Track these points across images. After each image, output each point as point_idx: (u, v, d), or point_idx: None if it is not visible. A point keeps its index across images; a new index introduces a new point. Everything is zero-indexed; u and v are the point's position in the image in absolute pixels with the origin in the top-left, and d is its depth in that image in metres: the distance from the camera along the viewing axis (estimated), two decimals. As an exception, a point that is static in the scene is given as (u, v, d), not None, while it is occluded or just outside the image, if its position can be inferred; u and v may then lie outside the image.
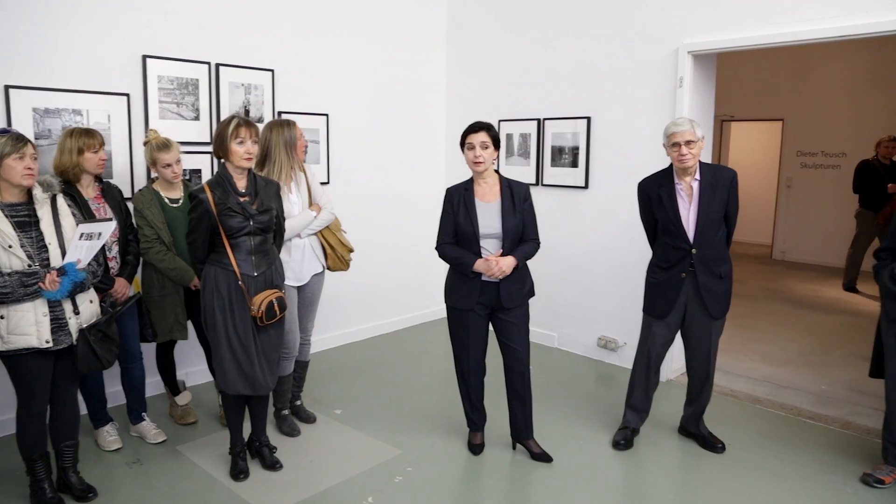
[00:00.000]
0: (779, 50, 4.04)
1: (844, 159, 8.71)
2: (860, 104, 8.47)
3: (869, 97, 8.38)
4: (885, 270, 3.05)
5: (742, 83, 9.23)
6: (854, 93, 8.51)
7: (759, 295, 7.13)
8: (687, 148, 3.10)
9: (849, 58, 8.41)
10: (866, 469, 3.24)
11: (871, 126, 8.30)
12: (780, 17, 3.84)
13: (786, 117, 9.26)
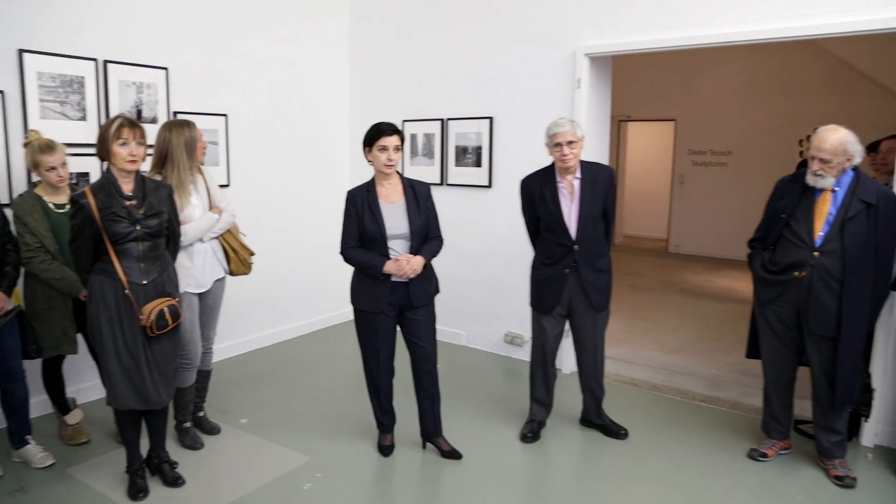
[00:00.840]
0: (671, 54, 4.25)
1: (731, 157, 9.28)
2: (742, 106, 9.05)
3: (749, 100, 8.96)
4: (757, 259, 3.28)
5: (638, 85, 9.64)
6: (736, 95, 9.08)
7: (656, 287, 7.48)
8: (568, 148, 3.22)
9: (732, 63, 8.96)
10: (752, 445, 3.47)
11: (752, 126, 8.89)
12: (670, 23, 4.03)
13: (678, 118, 9.76)
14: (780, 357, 3.30)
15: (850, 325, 3.01)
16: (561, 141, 3.22)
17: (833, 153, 2.95)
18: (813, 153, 3.01)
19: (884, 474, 3.25)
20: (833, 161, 2.96)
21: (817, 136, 3.00)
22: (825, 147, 2.95)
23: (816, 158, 2.99)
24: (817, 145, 2.98)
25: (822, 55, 7.62)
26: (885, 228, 2.98)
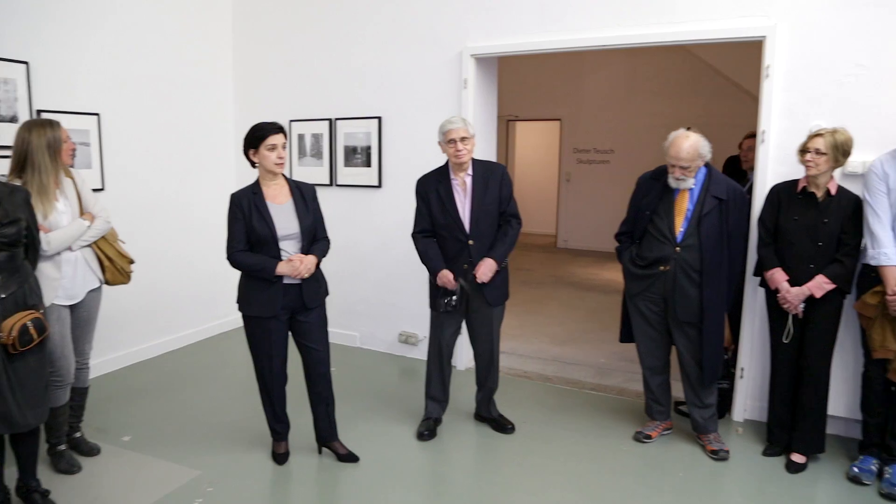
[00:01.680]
0: (556, 55, 4.44)
1: (613, 155, 9.75)
2: (622, 106, 9.52)
3: (629, 100, 9.45)
4: (625, 253, 3.48)
5: (525, 86, 9.92)
6: (617, 96, 9.54)
7: (546, 281, 7.73)
8: (462, 144, 3.28)
9: (613, 65, 9.41)
10: (638, 427, 3.66)
11: (632, 126, 9.37)
12: (552, 26, 4.17)
13: (563, 117, 10.13)
14: (653, 343, 3.51)
15: (712, 311, 3.26)
16: (455, 137, 3.27)
17: (691, 159, 3.17)
18: (672, 161, 3.21)
19: (752, 445, 3.53)
20: (691, 166, 3.19)
21: (673, 146, 3.20)
22: (682, 156, 3.17)
23: (676, 167, 3.20)
24: (675, 154, 3.19)
25: (691, 60, 8.14)
26: (736, 221, 3.25)
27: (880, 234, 2.99)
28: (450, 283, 3.34)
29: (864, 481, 3.13)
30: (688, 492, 3.09)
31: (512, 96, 9.78)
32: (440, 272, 3.36)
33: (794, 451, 3.27)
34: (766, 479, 3.22)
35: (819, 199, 3.14)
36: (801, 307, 3.17)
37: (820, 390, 3.22)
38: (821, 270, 3.11)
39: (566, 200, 10.25)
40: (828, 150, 3.03)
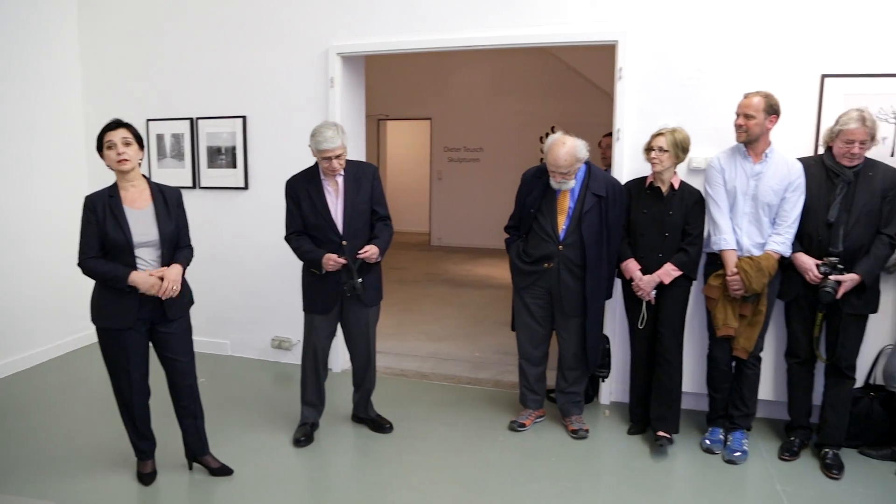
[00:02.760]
0: (425, 55, 4.48)
1: (482, 153, 10.00)
2: (490, 106, 9.78)
3: (496, 100, 9.72)
4: (514, 248, 3.59)
5: (394, 85, 9.94)
6: (485, 96, 9.79)
7: (421, 279, 7.80)
8: (337, 161, 3.24)
9: (481, 65, 9.64)
10: (513, 417, 3.77)
11: (500, 124, 9.66)
12: (418, 25, 4.20)
13: (433, 116, 10.26)
14: (533, 333, 3.64)
15: (594, 303, 3.46)
16: (330, 156, 3.22)
17: (568, 166, 3.31)
18: (552, 168, 3.34)
19: (618, 424, 3.77)
20: (570, 170, 3.33)
21: (551, 153, 3.32)
22: (561, 164, 3.29)
23: (556, 173, 3.33)
24: (553, 162, 3.31)
25: (554, 61, 8.49)
26: (615, 216, 3.42)
27: (720, 221, 3.29)
28: (337, 261, 3.26)
29: (716, 451, 3.43)
30: (561, 475, 3.24)
31: (382, 95, 9.78)
32: (324, 257, 3.27)
33: (660, 430, 3.50)
34: (632, 455, 3.43)
35: (664, 193, 3.39)
36: (652, 294, 3.41)
37: (673, 370, 3.48)
38: (668, 259, 3.37)
39: (438, 198, 10.40)
40: (669, 148, 3.28)
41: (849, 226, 3.13)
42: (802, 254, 3.23)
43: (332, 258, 3.25)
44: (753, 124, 3.18)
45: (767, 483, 3.19)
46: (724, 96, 3.54)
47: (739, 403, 3.46)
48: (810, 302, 3.25)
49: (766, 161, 3.24)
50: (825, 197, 3.20)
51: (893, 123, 3.52)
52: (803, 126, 3.57)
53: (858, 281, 3.12)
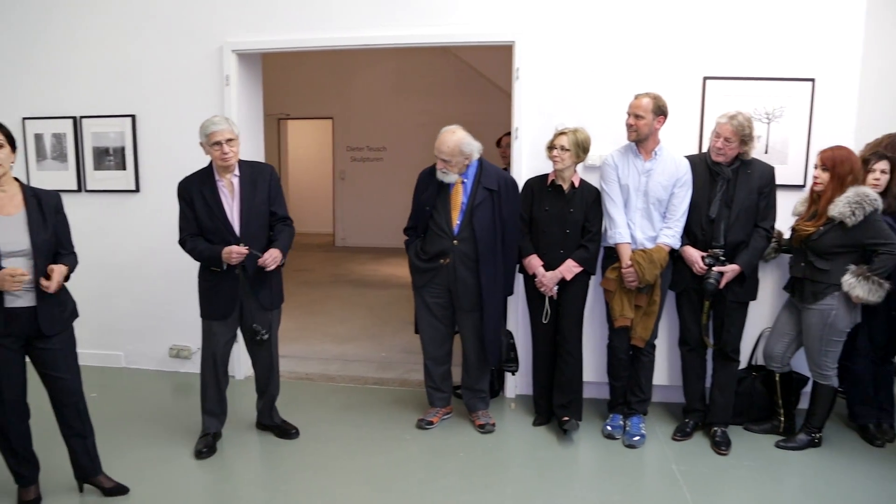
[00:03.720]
0: (326, 53, 4.41)
1: (386, 153, 9.99)
2: (393, 105, 9.77)
3: (399, 99, 9.72)
4: (412, 248, 3.60)
5: (295, 83, 9.75)
6: (388, 95, 9.77)
7: (326, 281, 7.70)
8: (228, 146, 3.14)
9: (383, 64, 9.60)
10: (420, 415, 3.78)
11: (403, 124, 9.66)
12: (317, 24, 4.13)
13: (335, 115, 10.14)
14: (436, 332, 3.66)
15: (490, 297, 3.50)
16: (220, 139, 3.11)
17: (451, 154, 3.37)
18: (436, 154, 3.40)
19: (523, 417, 3.86)
20: (452, 161, 3.38)
21: (438, 139, 3.40)
22: (444, 149, 3.37)
23: (440, 159, 3.39)
24: (438, 147, 3.38)
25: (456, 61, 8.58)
26: (508, 210, 3.49)
27: (616, 216, 3.43)
28: (240, 252, 3.14)
29: (616, 437, 3.58)
30: (469, 470, 3.28)
31: (282, 94, 9.57)
32: (224, 250, 3.15)
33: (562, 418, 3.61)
34: (538, 446, 3.53)
35: (565, 191, 3.50)
36: (555, 289, 3.51)
37: (575, 361, 3.60)
38: (570, 255, 3.48)
39: (342, 199, 10.29)
40: (571, 147, 3.39)
41: (729, 220, 3.35)
42: (689, 247, 3.43)
43: (234, 250, 3.13)
44: (643, 124, 3.35)
45: (664, 464, 3.37)
46: (617, 96, 3.68)
47: (637, 390, 3.63)
48: (698, 292, 3.45)
49: (656, 159, 3.42)
50: (707, 193, 3.40)
51: (766, 123, 3.79)
52: (688, 125, 3.78)
53: (739, 271, 3.34)
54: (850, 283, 3.18)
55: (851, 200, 3.14)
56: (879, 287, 3.15)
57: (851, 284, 3.17)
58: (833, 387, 3.45)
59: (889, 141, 3.81)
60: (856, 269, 3.18)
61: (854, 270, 3.18)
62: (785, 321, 3.54)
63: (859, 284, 3.15)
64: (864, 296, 3.15)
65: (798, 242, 3.36)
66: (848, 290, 3.19)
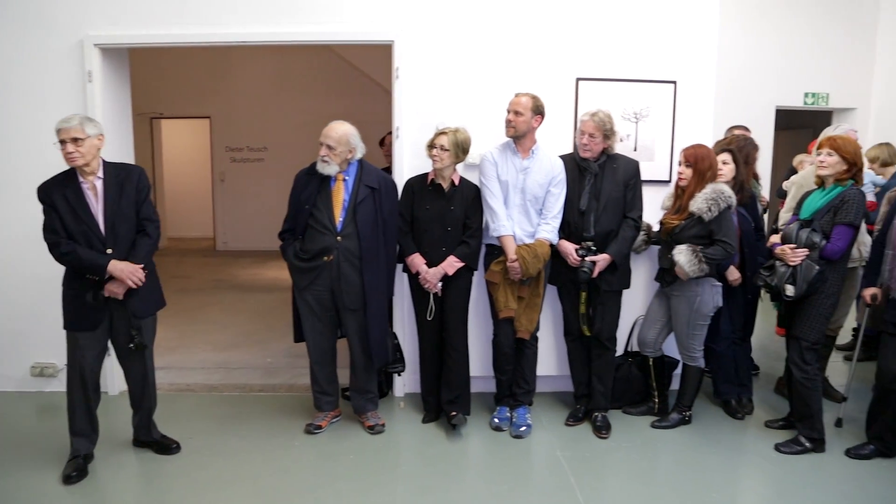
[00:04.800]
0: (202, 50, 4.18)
1: (267, 153, 9.73)
2: (274, 103, 9.52)
3: (280, 97, 9.49)
4: (290, 249, 3.52)
5: (169, 80, 9.30)
6: (268, 93, 9.51)
7: (206, 287, 7.39)
8: (74, 146, 2.95)
9: (263, 61, 9.34)
10: (308, 421, 3.71)
11: (284, 123, 9.43)
12: (189, 18, 3.94)
13: (213, 115, 9.75)
14: (321, 335, 3.60)
15: (374, 295, 3.49)
16: (65, 138, 2.93)
17: (338, 141, 3.38)
18: (321, 139, 3.40)
19: (413, 415, 3.88)
20: (337, 149, 3.38)
21: (328, 126, 3.42)
22: (332, 135, 3.39)
23: (324, 144, 3.39)
24: (326, 133, 3.40)
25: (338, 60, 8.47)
26: (388, 209, 3.52)
27: (497, 209, 3.52)
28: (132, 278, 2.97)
29: (504, 428, 3.68)
30: (360, 471, 3.25)
31: (154, 91, 9.11)
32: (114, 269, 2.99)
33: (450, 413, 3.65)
34: (427, 443, 3.56)
35: (445, 189, 3.55)
36: (439, 286, 3.55)
37: (461, 357, 3.66)
38: (452, 252, 3.53)
39: (222, 201, 9.91)
40: (450, 147, 3.45)
41: (598, 212, 3.53)
42: (564, 240, 3.58)
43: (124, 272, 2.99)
44: (521, 121, 3.46)
45: (549, 451, 3.50)
46: (494, 96, 3.78)
47: (522, 381, 3.74)
48: (574, 283, 3.60)
49: (533, 157, 3.54)
50: (577, 188, 3.57)
51: (634, 122, 4.01)
52: (562, 124, 3.94)
53: (610, 260, 3.53)
54: (680, 250, 3.41)
55: (709, 197, 3.39)
56: (699, 265, 3.38)
57: (680, 250, 3.41)
58: (700, 367, 3.71)
59: (733, 137, 4.18)
60: (690, 244, 3.42)
61: (689, 244, 3.42)
62: (656, 309, 3.77)
63: (685, 253, 3.39)
64: (684, 264, 3.38)
65: (665, 235, 3.58)
66: (674, 255, 3.42)
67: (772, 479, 3.26)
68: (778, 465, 3.38)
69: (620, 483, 3.27)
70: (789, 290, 3.31)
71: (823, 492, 3.17)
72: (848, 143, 3.33)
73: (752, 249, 3.83)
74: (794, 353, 3.45)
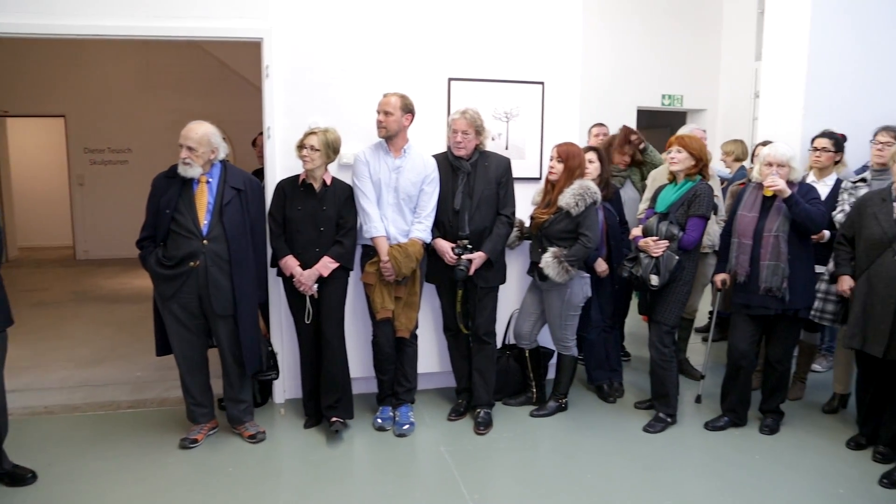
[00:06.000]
0: (54, 43, 3.82)
1: (131, 155, 9.18)
2: (138, 102, 9.00)
3: (144, 96, 8.97)
4: (151, 257, 3.34)
5: (15, 75, 8.56)
6: (131, 91, 8.97)
7: (65, 300, 6.86)
8: None
9: (125, 57, 8.79)
10: (183, 435, 3.52)
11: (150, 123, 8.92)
12: (35, 7, 3.60)
13: (68, 113, 9.07)
14: (190, 345, 3.44)
15: (244, 300, 3.37)
16: None
17: (199, 142, 3.25)
18: (181, 141, 3.25)
19: (294, 421, 3.79)
20: (199, 150, 3.25)
21: (186, 127, 3.28)
22: (192, 136, 3.25)
23: (185, 146, 3.25)
24: (185, 134, 3.26)
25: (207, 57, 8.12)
26: (255, 210, 3.43)
27: (370, 211, 3.51)
28: None
29: (387, 428, 3.68)
30: (240, 484, 3.13)
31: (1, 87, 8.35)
32: None
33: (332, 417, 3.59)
34: (310, 449, 3.49)
35: (317, 189, 3.49)
36: (314, 288, 3.49)
37: (340, 359, 3.60)
38: (326, 252, 3.47)
39: (81, 206, 9.22)
40: (321, 147, 3.40)
41: (472, 211, 3.60)
42: (440, 239, 3.63)
43: None
44: (392, 121, 3.48)
45: (433, 447, 3.53)
46: (367, 96, 3.75)
47: (403, 380, 3.75)
48: (452, 281, 3.65)
49: (405, 156, 3.57)
50: (451, 187, 3.62)
51: (506, 122, 4.13)
52: (435, 124, 3.97)
53: (485, 258, 3.60)
54: (547, 262, 3.54)
55: (576, 192, 3.55)
56: (566, 272, 3.53)
57: (548, 263, 3.54)
58: (574, 356, 3.88)
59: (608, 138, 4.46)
60: (555, 251, 3.56)
61: (553, 252, 3.56)
62: (530, 302, 3.90)
63: (552, 265, 3.53)
64: (553, 276, 3.54)
65: (535, 229, 3.71)
66: (543, 268, 3.55)
67: (640, 456, 3.47)
68: (646, 442, 3.61)
69: (503, 473, 3.37)
70: (654, 280, 3.53)
71: (685, 462, 3.44)
72: (694, 141, 3.62)
73: (618, 242, 4.06)
74: (654, 336, 3.70)
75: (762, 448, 3.55)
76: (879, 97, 4.86)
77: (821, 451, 3.52)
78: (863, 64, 4.90)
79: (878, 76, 4.93)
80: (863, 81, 4.89)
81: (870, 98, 4.85)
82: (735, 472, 3.31)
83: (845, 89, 4.85)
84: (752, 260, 3.50)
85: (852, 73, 4.87)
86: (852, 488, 3.15)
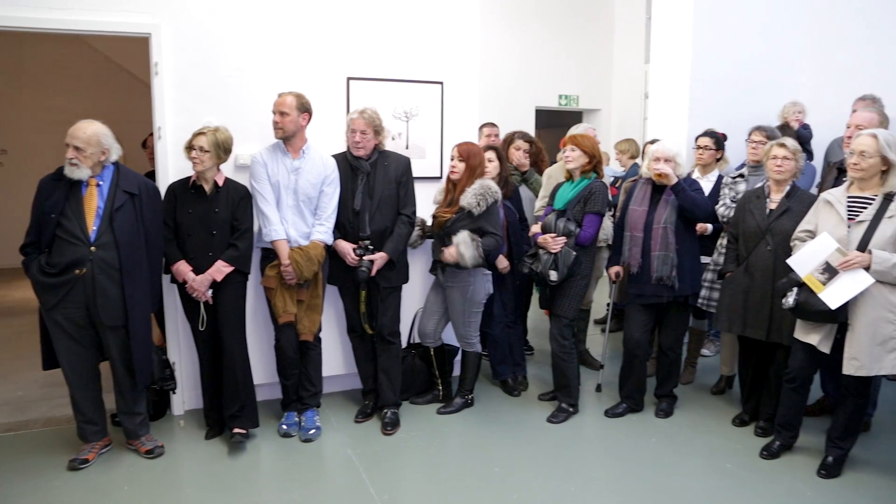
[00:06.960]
0: None
1: (6, 156, 8.58)
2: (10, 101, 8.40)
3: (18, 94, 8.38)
4: (34, 264, 3.12)
5: None
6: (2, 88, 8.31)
7: (-65, 315, 6.29)
8: None
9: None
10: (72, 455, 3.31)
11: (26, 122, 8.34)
12: None
13: (-76, 111, 8.31)
14: (79, 359, 3.23)
15: (136, 310, 3.20)
16: None
17: (87, 142, 3.07)
18: (68, 141, 3.07)
19: (195, 432, 3.65)
20: (87, 150, 3.07)
21: (74, 126, 3.09)
22: (79, 135, 3.06)
23: (71, 146, 3.06)
24: (72, 133, 3.07)
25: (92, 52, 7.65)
26: (151, 216, 3.25)
27: (269, 213, 3.44)
28: None
29: (293, 434, 3.61)
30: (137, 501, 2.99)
31: None
32: None
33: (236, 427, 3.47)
34: (213, 460, 3.37)
35: (208, 192, 3.37)
36: (209, 293, 3.37)
37: (240, 366, 3.48)
38: (219, 256, 3.36)
39: (-49, 212, 8.48)
40: (210, 148, 3.28)
41: (373, 211, 3.58)
42: (341, 240, 3.59)
43: None
44: (288, 121, 3.41)
45: (341, 451, 3.50)
46: (264, 95, 3.65)
47: (308, 384, 3.69)
48: (355, 282, 3.62)
49: (304, 157, 3.51)
50: (351, 187, 3.60)
51: (406, 121, 4.14)
52: (334, 124, 3.91)
53: (387, 258, 3.60)
54: (463, 239, 3.51)
55: (478, 192, 3.60)
56: (476, 253, 3.52)
57: (464, 241, 3.50)
58: (478, 352, 3.94)
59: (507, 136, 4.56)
60: (469, 232, 3.57)
61: (469, 232, 3.56)
62: (433, 301, 3.93)
63: (468, 245, 3.50)
64: (467, 257, 3.50)
65: (438, 228, 3.74)
66: (457, 243, 3.51)
67: (544, 447, 3.57)
68: (550, 432, 3.73)
69: (412, 471, 3.38)
70: (553, 275, 3.63)
71: (587, 449, 3.60)
72: (586, 140, 3.77)
73: (518, 239, 4.16)
74: (554, 329, 3.82)
75: (658, 431, 3.75)
76: (757, 98, 5.24)
77: (710, 430, 3.76)
78: (741, 68, 5.27)
79: (754, 79, 5.33)
80: (742, 84, 5.27)
81: (748, 99, 5.23)
82: (634, 455, 3.48)
83: (726, 91, 5.20)
84: (643, 251, 3.67)
85: (732, 76, 5.22)
86: (738, 462, 3.39)
